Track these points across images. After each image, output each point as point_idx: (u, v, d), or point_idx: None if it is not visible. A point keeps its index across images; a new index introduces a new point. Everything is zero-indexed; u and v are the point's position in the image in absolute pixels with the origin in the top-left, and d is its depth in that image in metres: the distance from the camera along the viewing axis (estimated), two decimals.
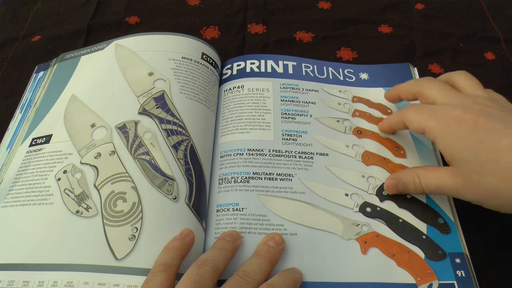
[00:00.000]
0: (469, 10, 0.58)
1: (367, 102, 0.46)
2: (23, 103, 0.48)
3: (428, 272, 0.34)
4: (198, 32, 0.57)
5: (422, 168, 0.37)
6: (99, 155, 0.39)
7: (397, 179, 0.38)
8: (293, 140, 0.42)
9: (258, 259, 0.33)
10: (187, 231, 0.35)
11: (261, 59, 0.49)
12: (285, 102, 0.45)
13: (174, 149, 0.39)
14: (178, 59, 0.46)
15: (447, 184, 0.34)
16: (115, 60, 0.46)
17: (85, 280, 0.32)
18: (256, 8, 0.59)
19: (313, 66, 0.50)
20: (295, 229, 0.37)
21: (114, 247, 0.34)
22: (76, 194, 0.37)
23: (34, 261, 0.34)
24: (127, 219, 0.35)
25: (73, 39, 0.56)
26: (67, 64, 0.49)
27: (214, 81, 0.47)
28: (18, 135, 0.44)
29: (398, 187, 0.38)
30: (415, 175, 0.36)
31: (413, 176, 0.36)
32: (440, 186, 0.35)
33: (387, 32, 0.56)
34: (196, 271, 0.31)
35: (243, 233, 0.36)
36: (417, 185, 0.36)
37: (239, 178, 0.39)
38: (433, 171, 0.35)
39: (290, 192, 0.39)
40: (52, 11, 0.61)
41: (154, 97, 0.42)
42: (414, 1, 0.59)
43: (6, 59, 0.55)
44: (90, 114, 0.42)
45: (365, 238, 0.36)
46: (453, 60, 0.52)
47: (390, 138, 0.43)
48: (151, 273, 0.31)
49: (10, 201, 0.38)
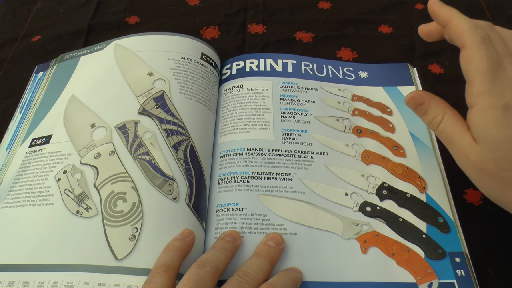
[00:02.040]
0: (469, 10, 0.58)
1: (367, 101, 0.46)
2: (22, 104, 0.48)
3: (428, 271, 0.34)
4: (198, 32, 0.57)
5: (453, 111, 0.33)
6: (99, 155, 0.39)
7: (424, 101, 0.34)
8: (292, 139, 0.42)
9: (258, 259, 0.33)
10: (187, 231, 0.35)
11: (260, 58, 0.49)
12: (284, 101, 0.45)
13: (174, 149, 0.39)
14: (178, 59, 0.46)
15: (463, 147, 0.31)
16: (115, 60, 0.46)
17: (85, 281, 0.32)
18: (256, 8, 0.59)
19: (312, 64, 0.49)
20: (295, 229, 0.37)
21: (114, 247, 0.34)
22: (76, 194, 0.37)
23: (34, 262, 0.34)
24: (127, 219, 0.35)
25: (73, 39, 0.56)
26: (66, 65, 0.49)
27: (213, 81, 0.47)
28: (18, 136, 0.44)
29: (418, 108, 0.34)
30: (442, 112, 0.33)
31: (439, 113, 0.33)
32: (454, 142, 0.32)
33: (387, 32, 0.56)
34: (196, 272, 0.31)
35: (243, 233, 0.36)
36: (435, 121, 0.33)
37: (239, 177, 0.39)
38: (459, 123, 0.32)
39: (290, 192, 0.39)
40: (52, 11, 0.61)
41: (154, 97, 0.42)
42: (414, 1, 0.59)
43: (6, 59, 0.55)
44: (89, 114, 0.42)
45: (365, 237, 0.36)
46: (453, 60, 0.52)
47: (389, 138, 0.43)
48: (152, 273, 0.31)
49: (10, 201, 0.38)
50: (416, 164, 0.41)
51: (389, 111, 0.45)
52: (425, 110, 0.34)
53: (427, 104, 0.34)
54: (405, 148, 0.42)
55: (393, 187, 0.39)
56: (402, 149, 0.42)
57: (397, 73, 0.49)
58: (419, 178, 0.40)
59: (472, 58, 0.30)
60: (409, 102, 0.35)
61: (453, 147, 0.32)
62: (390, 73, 0.49)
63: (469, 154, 0.31)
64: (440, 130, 0.33)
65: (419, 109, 0.34)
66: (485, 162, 0.30)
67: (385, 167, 0.41)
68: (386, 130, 0.44)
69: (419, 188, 0.39)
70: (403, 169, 0.40)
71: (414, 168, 0.41)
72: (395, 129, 0.44)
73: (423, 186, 0.39)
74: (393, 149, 0.42)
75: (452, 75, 0.50)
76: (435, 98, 0.34)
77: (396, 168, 0.40)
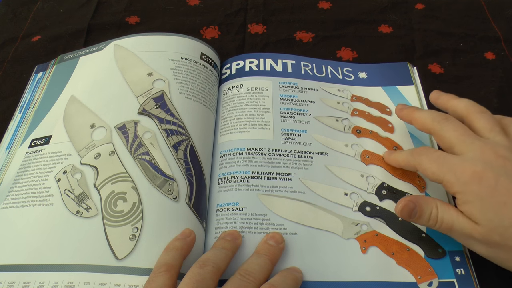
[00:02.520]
0: (469, 10, 0.58)
1: (366, 101, 0.46)
2: (22, 104, 0.48)
3: (428, 271, 0.34)
4: (198, 32, 0.57)
5: (441, 201, 0.34)
6: (99, 155, 0.39)
7: (414, 204, 0.34)
8: (292, 139, 0.42)
9: (258, 258, 0.33)
10: (188, 231, 0.35)
11: (260, 58, 0.49)
12: (284, 101, 0.45)
13: (174, 149, 0.39)
14: (177, 59, 0.46)
15: (464, 229, 0.32)
16: (114, 61, 0.46)
17: (85, 281, 0.32)
18: (256, 8, 0.59)
19: (312, 64, 0.50)
20: (295, 229, 0.37)
21: (114, 247, 0.34)
22: (76, 194, 0.37)
23: (34, 262, 0.34)
24: (127, 219, 0.35)
25: (73, 39, 0.56)
26: (66, 65, 0.49)
27: (213, 81, 0.47)
28: (18, 136, 0.44)
29: (412, 213, 0.34)
30: (434, 205, 0.34)
31: (432, 206, 0.34)
32: (456, 228, 0.32)
33: (387, 32, 0.56)
34: (197, 271, 0.31)
35: (243, 232, 0.36)
36: (433, 216, 0.33)
37: (239, 177, 0.39)
38: (454, 209, 0.33)
39: (289, 192, 0.39)
40: (52, 11, 0.61)
41: (154, 97, 0.42)
42: (414, 1, 0.59)
43: (6, 59, 0.55)
44: (89, 114, 0.42)
45: (365, 237, 0.37)
46: (453, 60, 0.52)
47: (389, 138, 0.43)
48: (153, 273, 0.31)
49: (10, 202, 0.38)
50: None
51: (388, 111, 0.45)
52: (419, 212, 0.34)
53: (418, 205, 0.34)
54: (404, 148, 0.42)
55: (393, 187, 0.39)
56: (401, 149, 0.42)
57: (397, 73, 0.49)
58: (418, 177, 0.40)
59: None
60: (402, 212, 0.34)
61: (456, 233, 0.33)
62: (389, 73, 0.49)
63: (472, 233, 0.31)
64: (440, 222, 0.33)
65: (413, 215, 0.34)
66: (489, 235, 0.31)
67: (385, 167, 0.41)
68: (386, 130, 0.44)
69: (419, 188, 0.39)
70: (403, 170, 0.40)
71: None
72: (395, 129, 0.44)
73: (422, 185, 0.39)
74: (393, 149, 0.42)
75: (452, 75, 0.50)
76: (421, 196, 0.36)
77: (395, 168, 0.40)
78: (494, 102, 0.47)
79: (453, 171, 0.32)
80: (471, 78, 0.50)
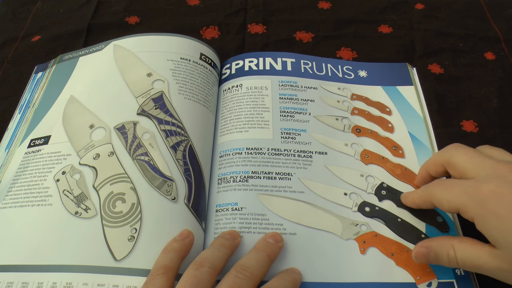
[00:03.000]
0: (469, 10, 0.58)
1: (366, 100, 0.46)
2: (21, 104, 0.48)
3: (427, 271, 0.34)
4: (198, 32, 0.57)
5: (458, 239, 0.32)
6: (98, 156, 0.39)
7: (428, 248, 0.32)
8: (292, 139, 0.42)
9: (256, 253, 0.33)
10: (186, 232, 0.35)
11: (260, 57, 0.49)
12: (283, 100, 0.45)
13: (173, 150, 0.39)
14: (177, 59, 0.46)
15: (488, 265, 0.29)
16: (114, 61, 0.46)
17: (84, 281, 0.32)
18: (256, 8, 0.59)
19: (311, 63, 0.49)
20: (294, 229, 0.37)
21: (113, 248, 0.34)
22: (75, 195, 0.37)
23: (33, 263, 0.34)
24: (126, 220, 0.35)
25: (73, 39, 0.56)
26: (65, 65, 0.49)
27: (213, 82, 0.47)
28: (17, 136, 0.44)
29: (428, 257, 0.32)
30: (449, 246, 0.31)
31: (448, 248, 0.31)
32: (479, 266, 0.30)
33: (387, 32, 0.56)
34: (194, 273, 0.30)
35: (242, 232, 0.36)
36: (451, 258, 0.31)
37: (238, 177, 0.39)
38: (471, 245, 0.31)
39: (289, 192, 0.39)
40: (52, 11, 0.61)
41: (153, 98, 0.42)
42: (414, 1, 0.59)
43: (6, 59, 0.55)
44: (88, 115, 0.42)
45: (364, 237, 0.36)
46: (453, 60, 0.52)
47: (388, 137, 0.43)
48: (151, 275, 0.31)
49: (8, 202, 0.38)
50: (414, 165, 0.41)
51: (388, 110, 0.45)
52: (434, 255, 0.32)
53: (431, 249, 0.32)
54: (404, 148, 0.42)
55: (392, 187, 0.39)
56: (401, 149, 0.42)
57: (396, 73, 0.49)
58: None
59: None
60: (417, 258, 0.33)
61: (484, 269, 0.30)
62: (389, 73, 0.49)
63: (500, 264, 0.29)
64: (462, 263, 0.31)
65: (431, 260, 0.33)
66: None
67: (384, 167, 0.41)
68: (385, 130, 0.44)
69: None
70: (402, 170, 0.40)
71: (412, 169, 0.41)
72: (394, 129, 0.44)
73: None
74: (392, 149, 0.42)
75: (452, 75, 0.50)
76: (434, 238, 0.33)
77: (395, 169, 0.40)
78: (494, 102, 0.47)
79: (468, 193, 0.30)
80: (471, 78, 0.50)
